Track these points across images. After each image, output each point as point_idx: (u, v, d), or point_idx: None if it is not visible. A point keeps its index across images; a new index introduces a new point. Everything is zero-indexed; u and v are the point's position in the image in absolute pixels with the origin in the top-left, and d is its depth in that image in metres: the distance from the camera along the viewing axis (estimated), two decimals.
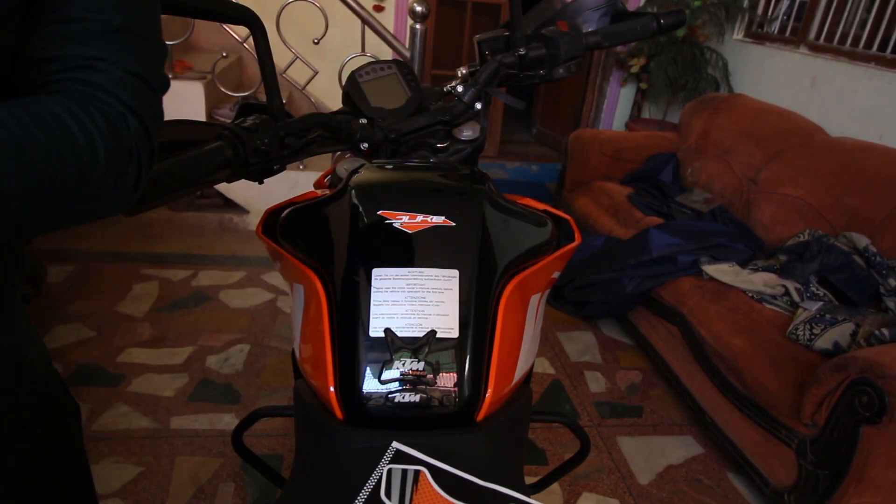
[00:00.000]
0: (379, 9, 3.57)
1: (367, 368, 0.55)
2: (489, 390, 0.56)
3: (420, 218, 0.59)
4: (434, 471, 0.50)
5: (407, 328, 0.55)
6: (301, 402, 0.60)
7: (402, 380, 0.54)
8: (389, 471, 0.49)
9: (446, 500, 0.49)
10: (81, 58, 0.43)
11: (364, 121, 0.74)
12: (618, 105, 4.16)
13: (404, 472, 0.49)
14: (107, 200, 0.44)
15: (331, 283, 0.58)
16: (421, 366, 0.54)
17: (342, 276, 0.57)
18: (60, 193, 0.40)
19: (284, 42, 2.48)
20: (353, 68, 0.78)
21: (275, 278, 2.64)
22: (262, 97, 0.73)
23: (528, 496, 0.71)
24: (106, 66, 0.43)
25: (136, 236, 2.86)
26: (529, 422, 0.71)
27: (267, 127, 0.64)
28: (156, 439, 1.73)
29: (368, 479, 0.49)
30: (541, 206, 0.73)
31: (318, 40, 2.41)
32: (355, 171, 0.65)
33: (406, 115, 0.76)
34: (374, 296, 0.56)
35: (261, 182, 0.66)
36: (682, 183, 2.95)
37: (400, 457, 0.50)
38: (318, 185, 0.85)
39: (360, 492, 0.48)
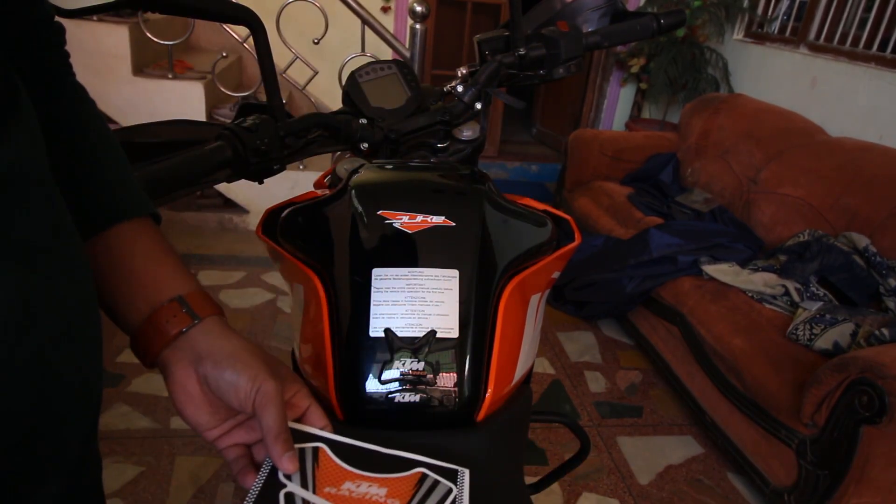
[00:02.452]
0: (386, 9, 3.58)
1: (367, 369, 0.55)
2: (489, 390, 0.56)
3: (420, 218, 0.58)
4: (333, 445, 0.48)
5: (407, 328, 0.55)
6: None
7: (402, 380, 0.54)
8: None
9: (350, 472, 0.46)
10: None
11: (364, 121, 0.74)
12: (618, 105, 4.15)
13: (302, 451, 0.46)
14: None
15: (331, 283, 0.58)
16: (421, 366, 0.54)
17: (342, 276, 0.57)
18: None
19: (284, 42, 2.48)
20: (353, 68, 0.78)
21: (275, 278, 2.64)
22: (262, 97, 0.73)
23: (528, 496, 0.71)
24: None
25: None
26: (529, 422, 0.71)
27: (267, 127, 0.64)
28: (156, 439, 1.73)
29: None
30: (541, 206, 0.73)
31: (318, 40, 2.41)
32: (355, 171, 0.65)
33: (406, 115, 0.76)
34: (374, 296, 0.56)
35: (261, 182, 0.66)
36: (682, 183, 2.94)
37: (296, 436, 0.47)
38: (318, 185, 0.84)
39: (256, 479, 0.45)
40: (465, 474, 0.49)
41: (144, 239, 0.47)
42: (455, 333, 0.55)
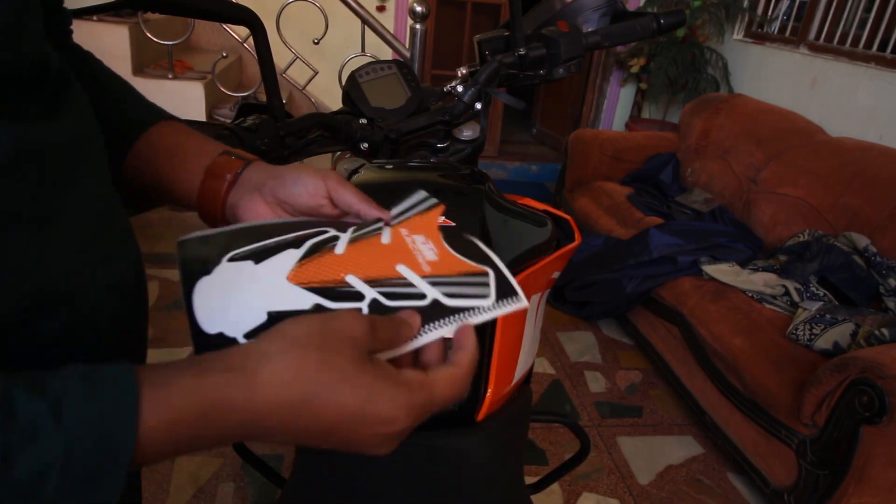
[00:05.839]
0: (381, 9, 3.58)
1: None
2: (489, 390, 0.56)
3: None
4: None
5: None
6: None
7: None
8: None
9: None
10: None
11: (364, 121, 0.74)
12: (618, 105, 4.15)
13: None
14: None
15: None
16: None
17: None
18: None
19: (284, 42, 2.48)
20: (353, 68, 0.78)
21: None
22: (262, 97, 0.73)
23: (528, 496, 0.71)
24: None
25: (137, 236, 2.86)
26: (529, 422, 0.71)
27: (267, 127, 0.64)
28: None
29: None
30: (541, 206, 0.73)
31: (318, 40, 2.41)
32: (355, 171, 0.65)
33: (406, 115, 0.76)
34: None
35: None
36: (682, 183, 2.95)
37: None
38: None
39: None
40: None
41: (179, 128, 0.56)
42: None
